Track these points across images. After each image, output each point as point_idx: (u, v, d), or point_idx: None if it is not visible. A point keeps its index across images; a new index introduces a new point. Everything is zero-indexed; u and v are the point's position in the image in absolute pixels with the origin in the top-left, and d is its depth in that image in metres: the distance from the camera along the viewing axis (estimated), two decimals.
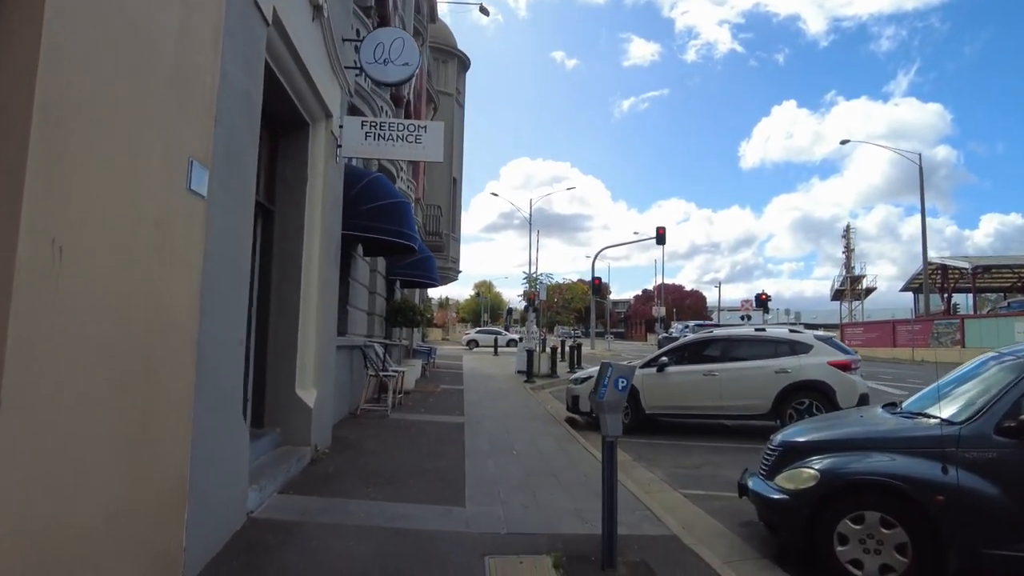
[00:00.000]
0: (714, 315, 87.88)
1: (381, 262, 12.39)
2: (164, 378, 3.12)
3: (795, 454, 4.48)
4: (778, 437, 4.84)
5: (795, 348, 9.13)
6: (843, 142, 36.68)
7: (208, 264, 3.61)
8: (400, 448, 7.38)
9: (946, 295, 40.93)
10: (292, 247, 6.44)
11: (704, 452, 8.28)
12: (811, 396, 8.78)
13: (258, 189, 6.21)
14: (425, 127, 7.16)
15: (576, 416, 10.33)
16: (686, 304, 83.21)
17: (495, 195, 58.86)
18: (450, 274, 24.38)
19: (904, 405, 4.83)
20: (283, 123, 6.46)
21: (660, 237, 32.77)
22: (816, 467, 4.19)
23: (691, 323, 35.52)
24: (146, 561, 3.01)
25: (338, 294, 8.08)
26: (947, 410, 4.15)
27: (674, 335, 35.05)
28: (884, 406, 5.05)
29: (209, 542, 3.73)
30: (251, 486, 4.61)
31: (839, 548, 3.96)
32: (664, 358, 9.54)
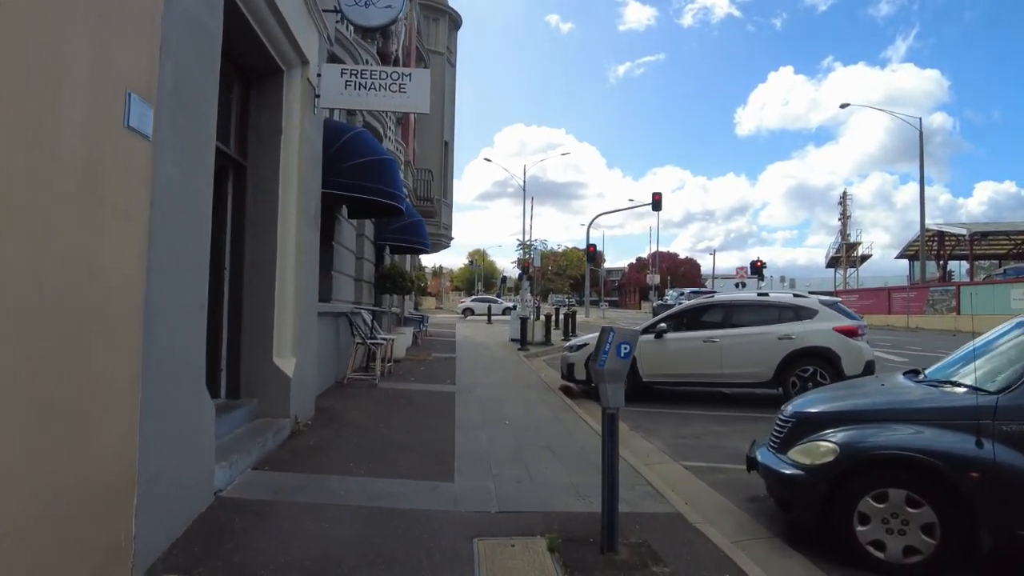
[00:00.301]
0: (708, 283, 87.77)
1: (369, 226, 11.90)
2: (100, 346, 2.70)
3: (809, 426, 4.13)
4: (790, 407, 4.49)
5: (799, 313, 8.78)
6: (843, 105, 35.97)
7: (157, 216, 3.15)
8: (387, 419, 7.03)
9: (942, 262, 40.75)
10: (266, 205, 5.97)
11: (704, 421, 7.98)
12: (815, 363, 8.46)
13: (228, 141, 5.72)
14: (410, 75, 6.62)
15: (571, 384, 10.01)
16: (680, 272, 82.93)
17: (488, 160, 58.07)
18: (442, 241, 23.86)
19: (928, 373, 4.47)
20: (254, 69, 5.92)
21: (656, 203, 32.32)
22: (834, 440, 3.84)
23: (686, 290, 35.13)
24: (87, 554, 2.64)
25: (319, 258, 7.63)
26: (978, 379, 3.79)
27: (669, 302, 34.77)
28: (905, 373, 4.70)
29: (167, 527, 3.36)
30: (220, 463, 4.24)
31: (859, 528, 3.64)
32: (663, 324, 9.18)
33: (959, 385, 3.95)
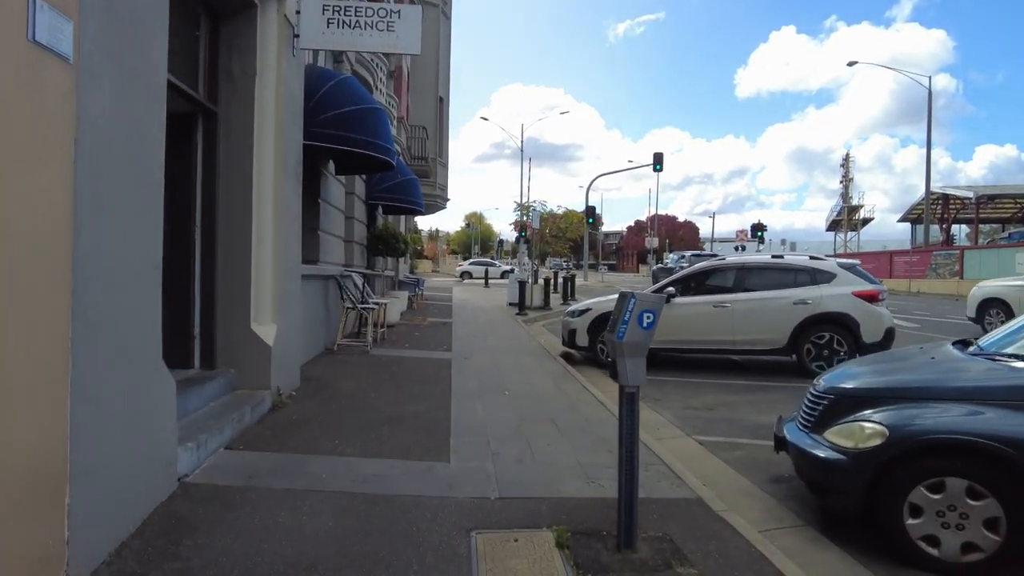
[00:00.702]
0: (707, 246, 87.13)
1: (359, 184, 11.27)
2: (10, 318, 2.18)
3: (848, 403, 3.66)
4: (823, 381, 4.02)
5: (816, 277, 8.27)
6: (850, 63, 34.78)
7: (85, 158, 2.60)
8: (378, 389, 6.58)
9: (945, 226, 40.17)
10: (240, 156, 5.37)
11: (715, 390, 7.56)
12: (832, 330, 8.00)
13: (196, 84, 5.10)
14: (399, 12, 5.93)
15: (572, 351, 9.56)
16: (679, 235, 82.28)
17: (485, 119, 56.69)
18: (438, 202, 23.15)
19: (982, 344, 3.99)
20: (222, 2, 5.25)
21: (657, 162, 31.53)
22: (881, 421, 3.37)
23: (687, 253, 34.48)
24: (4, 569, 2.17)
25: (304, 217, 7.07)
26: None
27: (670, 266, 34.19)
28: (954, 344, 4.21)
29: (113, 526, 2.89)
30: (186, 443, 3.77)
31: (910, 521, 3.20)
32: (671, 288, 8.68)
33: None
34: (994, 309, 12.37)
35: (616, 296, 3.37)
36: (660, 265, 37.15)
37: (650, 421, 6.20)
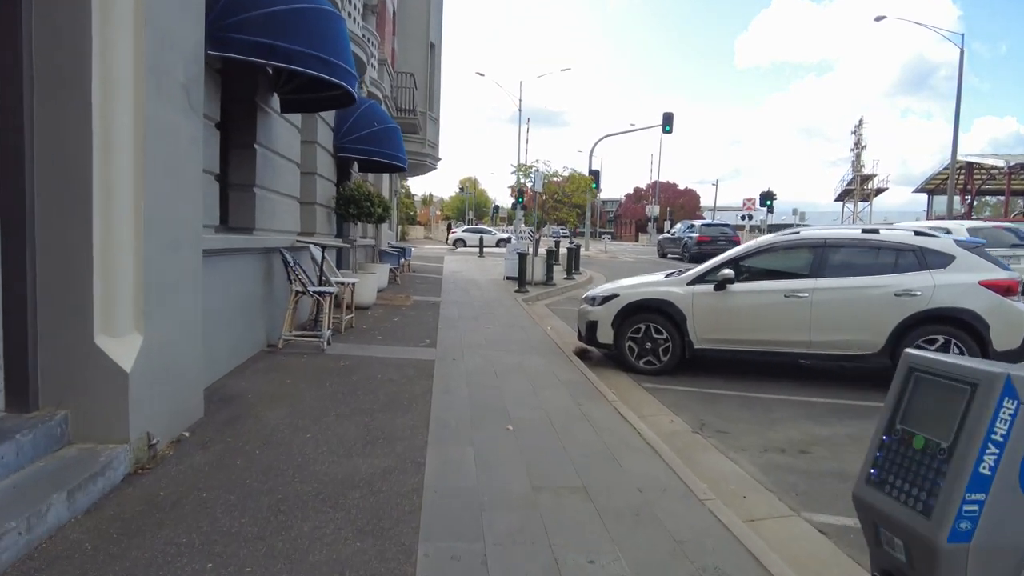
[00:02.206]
0: (708, 215, 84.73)
1: (323, 130, 9.00)
2: None
3: None
4: None
5: (925, 259, 6.16)
6: (877, 19, 32.12)
7: None
8: (320, 420, 4.48)
9: (968, 198, 37.95)
10: (66, 50, 3.16)
11: (793, 415, 5.51)
12: (949, 331, 5.93)
13: None
14: None
15: (591, 348, 7.48)
16: (679, 203, 79.70)
17: (481, 74, 53.45)
18: (427, 161, 20.77)
19: None
20: None
21: (667, 123, 29.09)
22: None
23: (696, 222, 32.17)
24: None
25: (223, 166, 4.90)
26: None
27: (677, 235, 32.00)
28: None
29: None
30: None
31: None
32: (727, 271, 6.56)
33: None
34: None
35: (649, 279, 1.37)
36: (667, 235, 34.79)
37: (723, 474, 4.18)
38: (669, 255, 30.85)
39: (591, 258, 26.87)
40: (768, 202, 38.34)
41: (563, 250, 19.24)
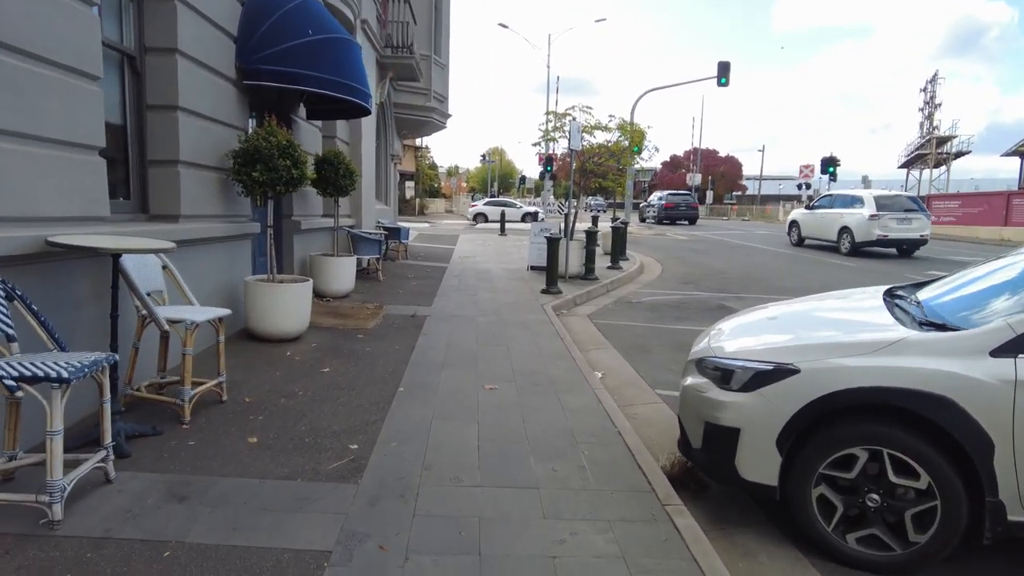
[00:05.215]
0: (750, 184, 78.75)
1: (194, 27, 4.97)
2: None
3: None
4: None
5: None
6: None
7: None
8: None
9: None
10: None
11: None
12: None
13: None
14: None
15: (708, 479, 3.37)
16: (719, 171, 74.04)
17: (504, 26, 48.29)
18: (432, 118, 16.54)
19: None
20: None
21: (723, 74, 24.27)
22: None
23: (663, 193, 28.44)
24: None
25: None
26: None
27: (652, 203, 26.03)
28: None
29: None
30: None
31: None
32: None
33: None
34: None
35: (863, 322, 0.72)
36: (645, 203, 30.54)
37: None
38: (647, 220, 36.42)
39: (635, 236, 22.47)
40: (831, 168, 33.52)
41: (609, 230, 14.99)
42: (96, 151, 3.84)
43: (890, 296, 3.70)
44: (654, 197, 39.04)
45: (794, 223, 21.70)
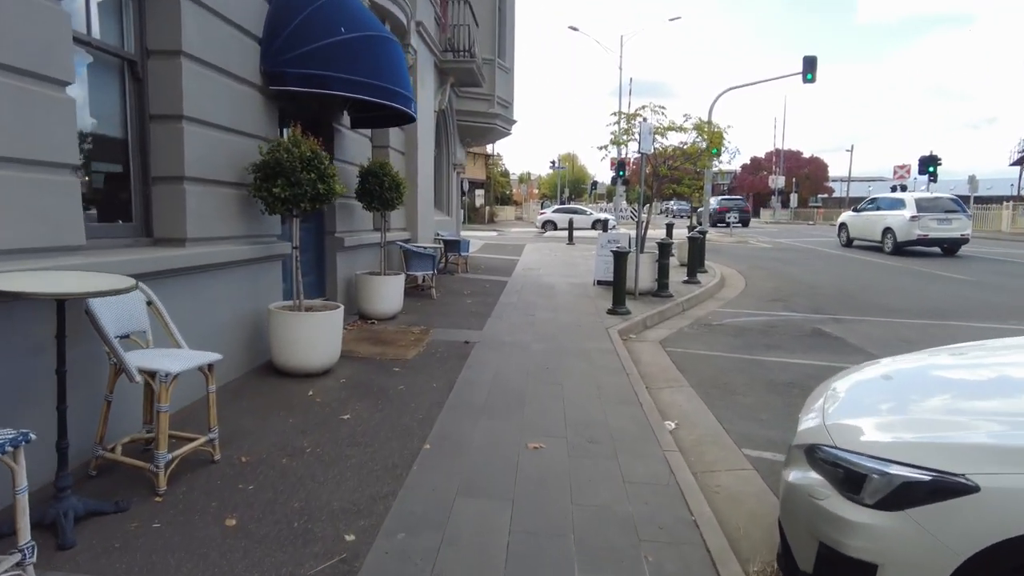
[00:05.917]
0: (836, 186, 73.86)
1: (207, 26, 4.43)
2: None
3: None
4: None
5: None
6: None
7: None
8: None
9: None
10: None
11: None
12: None
13: None
14: None
15: None
16: (803, 173, 69.95)
17: (574, 29, 47.29)
18: (495, 124, 15.88)
19: None
20: None
21: (808, 68, 22.31)
22: None
23: (718, 198, 24.85)
24: None
25: None
26: None
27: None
28: None
29: None
30: None
31: None
32: None
33: None
34: None
35: None
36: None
37: None
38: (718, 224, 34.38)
39: (714, 244, 20.97)
40: (931, 168, 30.48)
41: (685, 239, 13.80)
42: (68, 169, 3.28)
43: None
44: (713, 201, 38.32)
45: (843, 225, 22.53)
